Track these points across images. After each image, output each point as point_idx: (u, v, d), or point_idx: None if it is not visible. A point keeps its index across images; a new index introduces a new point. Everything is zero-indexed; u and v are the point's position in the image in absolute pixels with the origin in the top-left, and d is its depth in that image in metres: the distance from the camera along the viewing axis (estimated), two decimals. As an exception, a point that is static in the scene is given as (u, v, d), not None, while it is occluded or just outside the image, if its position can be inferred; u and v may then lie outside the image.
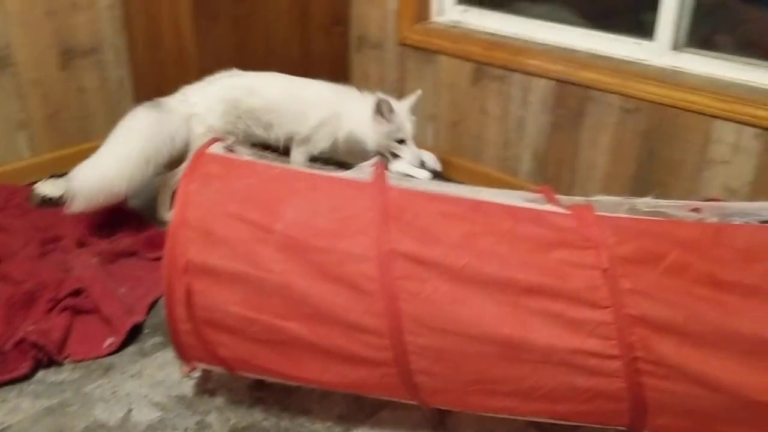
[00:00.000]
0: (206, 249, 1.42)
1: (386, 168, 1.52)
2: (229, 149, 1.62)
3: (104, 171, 2.16)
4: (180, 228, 1.43)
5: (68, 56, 2.61)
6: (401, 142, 2.32)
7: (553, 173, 2.47)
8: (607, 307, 1.23)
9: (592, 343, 1.24)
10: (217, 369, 1.60)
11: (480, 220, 1.35)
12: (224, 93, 2.30)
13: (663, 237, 1.26)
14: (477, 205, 1.39)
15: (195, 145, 2.21)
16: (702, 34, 2.20)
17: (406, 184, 1.53)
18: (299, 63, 2.77)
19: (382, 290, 1.33)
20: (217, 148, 1.59)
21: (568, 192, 2.31)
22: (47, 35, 2.54)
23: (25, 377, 1.72)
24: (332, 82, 2.44)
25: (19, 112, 2.55)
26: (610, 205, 1.55)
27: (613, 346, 1.23)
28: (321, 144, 2.40)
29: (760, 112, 1.97)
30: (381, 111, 2.25)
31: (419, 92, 2.39)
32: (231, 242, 1.41)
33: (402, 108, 2.32)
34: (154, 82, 2.70)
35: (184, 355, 1.57)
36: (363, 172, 1.51)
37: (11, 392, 1.68)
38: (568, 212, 1.35)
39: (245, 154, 1.63)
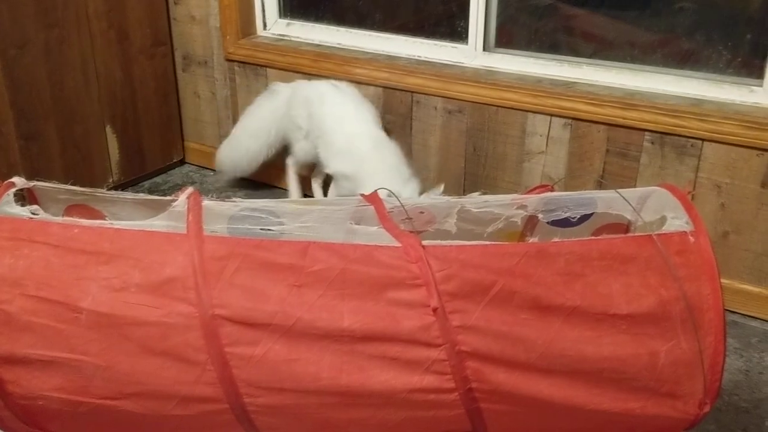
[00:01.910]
0: (9, 339, 1.24)
1: (200, 204, 1.35)
2: (28, 194, 1.44)
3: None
4: None
5: None
6: None
7: (389, 176, 2.48)
8: (440, 345, 1.19)
9: (430, 380, 1.21)
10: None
11: (308, 268, 1.24)
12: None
13: (488, 266, 1.23)
14: (304, 250, 1.26)
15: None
16: (520, 33, 2.29)
17: (222, 225, 1.39)
18: (123, 87, 2.60)
19: (211, 360, 1.21)
20: (5, 205, 1.36)
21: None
22: None
23: None
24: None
25: None
26: (444, 206, 1.54)
27: (449, 380, 1.20)
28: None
29: (565, 103, 2.08)
30: None
31: None
32: (36, 328, 1.23)
33: None
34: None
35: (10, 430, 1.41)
36: (177, 216, 1.35)
37: None
38: (397, 244, 1.27)
39: (47, 198, 1.46)
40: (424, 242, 1.26)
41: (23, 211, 1.35)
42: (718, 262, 1.22)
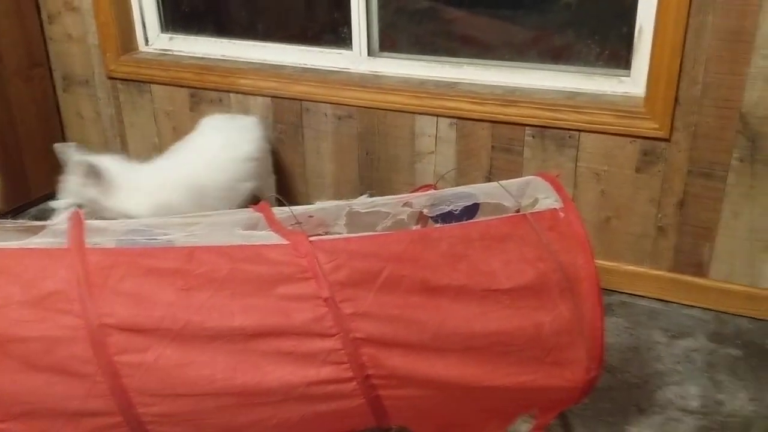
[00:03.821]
0: None
1: (82, 221, 1.35)
2: None
3: None
4: None
5: None
6: None
7: (287, 186, 2.51)
8: (334, 335, 1.22)
9: (327, 371, 1.23)
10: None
11: (195, 271, 1.26)
12: None
13: (375, 254, 1.27)
14: (190, 255, 1.28)
15: None
16: (403, 37, 2.37)
17: (107, 238, 1.37)
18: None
19: (100, 371, 1.20)
20: None
21: (305, 202, 2.37)
22: None
23: None
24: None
25: None
26: (333, 210, 1.59)
27: (346, 369, 1.23)
28: None
29: (449, 103, 2.16)
30: None
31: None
32: None
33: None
34: None
35: None
36: (58, 233, 1.33)
37: None
38: (285, 242, 1.30)
39: None
40: (311, 238, 1.31)
41: None
42: (588, 234, 1.32)
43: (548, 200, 1.35)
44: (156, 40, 2.64)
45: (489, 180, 2.20)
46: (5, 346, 1.21)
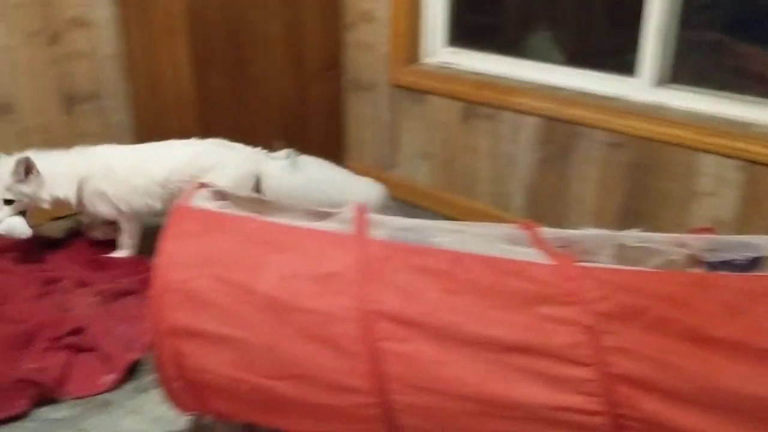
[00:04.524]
0: (192, 313, 1.40)
1: (367, 213, 1.48)
2: (217, 196, 1.61)
3: None
4: (163, 291, 1.41)
5: (71, 102, 2.69)
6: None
7: (544, 208, 2.51)
8: (589, 365, 1.20)
9: (577, 400, 1.22)
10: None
11: (461, 276, 1.31)
12: None
13: (645, 290, 1.23)
14: (458, 259, 1.34)
15: None
16: (691, 69, 2.26)
17: (386, 232, 1.47)
18: (294, 107, 2.83)
19: (365, 352, 1.30)
20: (198, 199, 1.55)
21: (559, 225, 2.35)
22: (50, 82, 2.61)
23: (22, 415, 1.71)
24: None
25: (22, 156, 2.61)
26: (599, 240, 1.55)
27: (596, 402, 1.20)
28: None
29: (738, 144, 2.01)
30: None
31: (21, 157, 2.22)
32: (215, 305, 1.39)
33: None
34: (155, 127, 2.76)
35: (179, 407, 1.57)
36: (344, 220, 1.47)
37: (8, 430, 1.70)
38: (551, 262, 1.31)
39: (230, 200, 1.63)
40: (579, 263, 1.30)
41: (213, 206, 1.54)
42: None
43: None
44: (439, 53, 2.79)
45: (775, 233, 2.00)
46: (289, 313, 1.37)
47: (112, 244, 2.46)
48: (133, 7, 2.59)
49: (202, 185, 1.62)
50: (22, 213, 2.30)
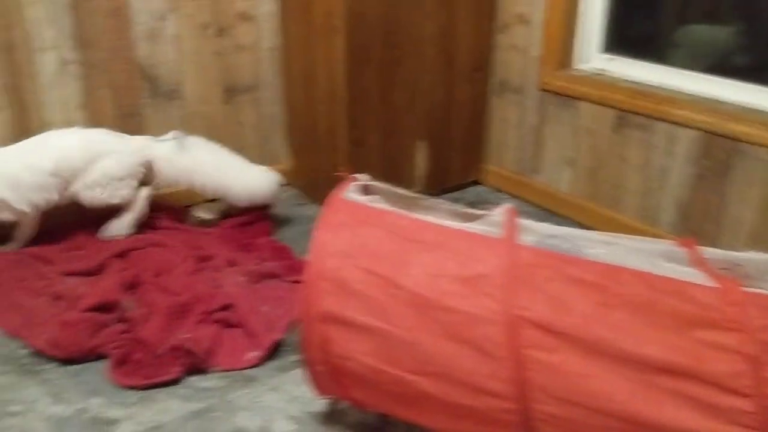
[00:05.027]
0: (341, 300, 1.46)
1: (517, 216, 1.50)
2: (366, 189, 1.67)
3: None
4: (317, 278, 1.48)
5: (231, 92, 2.86)
6: None
7: (695, 226, 2.39)
8: (749, 396, 1.16)
9: (731, 431, 1.18)
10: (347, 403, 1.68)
11: (615, 290, 1.29)
12: None
13: None
14: (612, 273, 1.32)
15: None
16: None
17: (535, 238, 1.48)
18: (440, 107, 2.86)
19: (508, 357, 1.31)
20: (351, 192, 1.61)
21: (711, 246, 2.23)
22: (215, 72, 2.79)
23: (175, 381, 1.85)
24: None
25: (185, 141, 2.81)
26: (765, 265, 1.48)
27: None
28: None
29: None
30: None
31: None
32: (363, 296, 1.45)
33: None
34: (305, 120, 2.88)
35: (319, 390, 1.65)
36: (493, 223, 1.49)
37: (162, 394, 1.82)
38: (714, 285, 1.26)
39: (380, 195, 1.68)
40: (745, 289, 1.24)
41: (364, 200, 1.59)
42: None
43: None
44: (593, 59, 2.73)
45: None
46: (433, 311, 1.40)
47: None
48: (295, 3, 2.71)
49: (353, 179, 1.67)
50: None
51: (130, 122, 2.64)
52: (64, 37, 2.43)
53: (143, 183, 2.53)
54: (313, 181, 2.92)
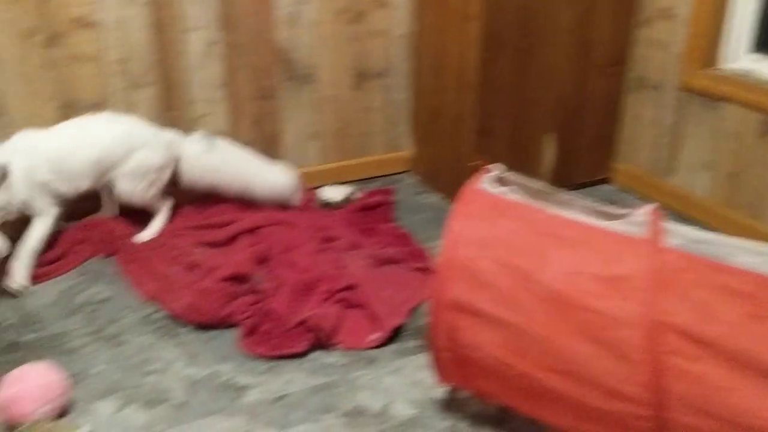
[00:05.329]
0: (473, 290, 1.47)
1: (662, 218, 1.45)
2: (501, 181, 1.66)
3: None
4: (448, 266, 1.50)
5: (362, 78, 2.92)
6: None
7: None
8: None
9: None
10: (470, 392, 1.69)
11: (767, 301, 1.24)
12: None
13: None
14: (765, 283, 1.27)
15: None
16: None
17: (681, 241, 1.43)
18: (572, 100, 2.80)
19: (647, 362, 1.28)
20: (486, 183, 1.61)
21: None
22: (348, 57, 2.86)
23: (301, 354, 1.93)
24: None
25: (315, 124, 2.89)
26: None
27: None
28: None
29: None
30: None
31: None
32: (496, 287, 1.45)
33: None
34: (432, 107, 2.89)
35: (442, 377, 1.67)
36: (636, 223, 1.45)
37: (290, 365, 1.89)
38: None
39: (515, 187, 1.68)
40: None
41: (501, 191, 1.59)
42: None
43: None
44: (740, 58, 2.60)
45: None
46: (570, 309, 1.38)
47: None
48: (432, -9, 2.72)
49: (489, 169, 1.67)
50: None
51: (265, 105, 2.74)
52: (211, 18, 2.55)
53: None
54: (435, 169, 2.94)
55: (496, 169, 1.67)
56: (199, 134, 2.55)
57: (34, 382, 1.67)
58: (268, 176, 2.63)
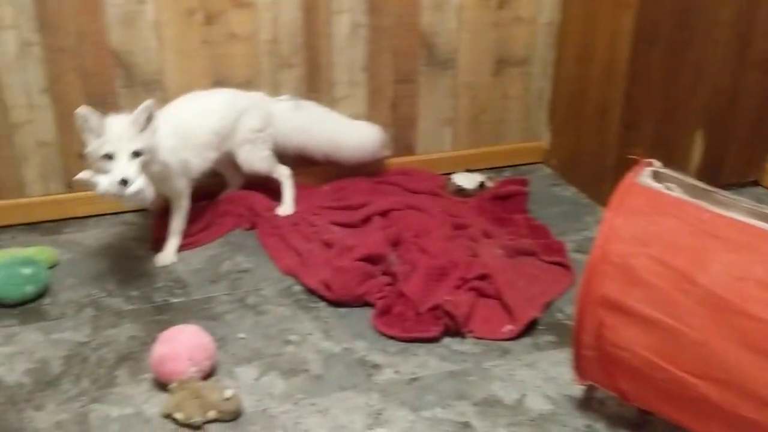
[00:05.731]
0: (624, 287, 1.44)
1: None
2: (656, 177, 1.61)
3: None
4: (601, 261, 1.47)
5: (502, 65, 2.89)
6: (109, 157, 1.99)
7: None
8: None
9: None
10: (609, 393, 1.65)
11: None
12: None
13: None
14: None
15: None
16: None
17: None
18: (725, 97, 2.65)
19: None
20: (643, 177, 1.56)
21: None
22: (489, 44, 2.83)
23: (434, 339, 1.95)
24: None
25: (450, 110, 2.90)
26: None
27: None
28: None
29: None
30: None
31: (147, 102, 2.03)
32: (650, 286, 1.41)
33: (118, 122, 2.02)
34: (573, 98, 2.82)
35: (582, 375, 1.64)
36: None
37: (422, 349, 1.91)
38: None
39: (671, 184, 1.61)
40: None
41: (660, 187, 1.53)
42: None
43: None
44: None
45: None
46: (731, 315, 1.33)
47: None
48: (583, -22, 2.65)
49: (647, 164, 1.61)
50: None
51: (404, 89, 2.77)
52: (358, 1, 2.59)
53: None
54: (572, 161, 2.87)
55: (654, 164, 1.61)
56: (287, 96, 2.63)
57: (187, 343, 1.78)
58: (354, 133, 2.69)
